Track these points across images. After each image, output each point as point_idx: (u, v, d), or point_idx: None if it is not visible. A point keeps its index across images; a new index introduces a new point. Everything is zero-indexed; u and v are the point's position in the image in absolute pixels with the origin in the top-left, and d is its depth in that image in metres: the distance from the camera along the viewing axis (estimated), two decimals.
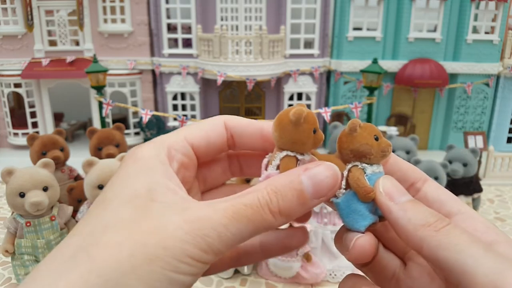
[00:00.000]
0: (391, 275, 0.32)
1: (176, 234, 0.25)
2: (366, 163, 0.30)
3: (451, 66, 3.56)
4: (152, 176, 0.28)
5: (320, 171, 0.28)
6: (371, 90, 2.62)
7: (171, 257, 0.24)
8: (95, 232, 0.25)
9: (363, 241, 0.29)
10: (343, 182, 0.30)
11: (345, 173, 0.31)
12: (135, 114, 3.75)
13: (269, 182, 0.28)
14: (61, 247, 0.25)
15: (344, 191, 0.30)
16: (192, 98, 3.74)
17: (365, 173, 0.30)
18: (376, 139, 0.30)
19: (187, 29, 3.65)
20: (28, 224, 1.67)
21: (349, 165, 0.31)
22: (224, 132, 0.33)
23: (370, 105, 2.65)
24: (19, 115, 3.81)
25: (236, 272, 1.87)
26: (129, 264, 0.23)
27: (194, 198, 0.32)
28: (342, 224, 0.32)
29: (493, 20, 3.53)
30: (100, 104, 2.72)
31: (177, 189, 0.28)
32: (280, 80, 3.68)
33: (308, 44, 3.75)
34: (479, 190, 2.30)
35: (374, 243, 0.30)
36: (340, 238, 0.31)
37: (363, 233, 0.29)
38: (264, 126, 0.33)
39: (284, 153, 0.30)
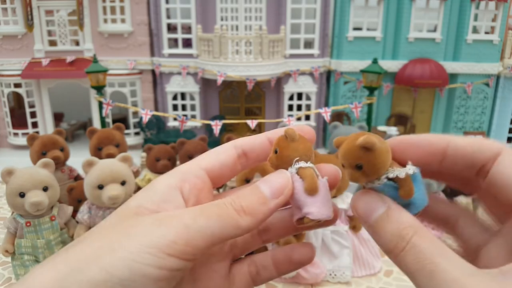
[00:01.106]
0: (475, 248, 0.33)
1: (145, 230, 0.27)
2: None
3: (451, 66, 3.56)
4: (148, 196, 0.31)
5: (273, 176, 0.33)
6: (371, 90, 2.62)
7: (137, 249, 0.26)
8: (84, 236, 0.29)
9: None
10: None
11: None
12: (135, 114, 3.75)
13: (233, 191, 0.32)
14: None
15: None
16: (192, 98, 3.74)
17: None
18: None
19: (187, 29, 3.65)
20: (28, 224, 1.67)
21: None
22: (234, 152, 0.36)
23: (370, 105, 2.65)
24: (19, 115, 3.81)
25: None
26: (94, 255, 0.26)
27: None
28: (342, 225, 0.33)
29: (493, 20, 3.53)
30: (100, 104, 2.72)
31: (164, 210, 0.31)
32: (280, 80, 3.68)
33: (308, 44, 3.75)
34: None
35: None
36: None
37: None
38: (268, 135, 0.37)
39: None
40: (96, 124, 3.63)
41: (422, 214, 0.31)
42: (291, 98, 3.75)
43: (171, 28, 3.68)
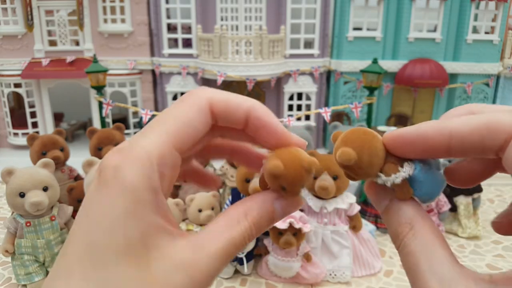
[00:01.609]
0: None
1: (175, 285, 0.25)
2: None
3: (451, 66, 3.56)
4: (143, 215, 0.24)
5: (292, 204, 0.30)
6: (371, 90, 2.62)
7: None
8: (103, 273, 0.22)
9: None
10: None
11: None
12: (135, 114, 3.75)
13: (248, 211, 0.28)
14: None
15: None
16: None
17: None
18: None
19: (187, 29, 3.65)
20: (28, 224, 1.67)
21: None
22: (210, 121, 0.29)
23: (370, 105, 2.65)
24: (19, 115, 3.81)
25: (236, 272, 1.88)
26: None
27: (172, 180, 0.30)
28: (342, 225, 0.34)
29: (493, 20, 3.53)
30: (100, 104, 2.72)
31: (167, 226, 0.26)
32: (280, 80, 3.68)
33: (308, 44, 3.75)
34: (479, 190, 2.30)
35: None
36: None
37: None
38: (253, 107, 0.29)
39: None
40: (96, 124, 3.63)
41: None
42: (291, 98, 3.75)
43: (171, 28, 3.68)
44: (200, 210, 1.92)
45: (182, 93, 3.72)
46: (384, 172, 0.29)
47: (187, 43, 3.67)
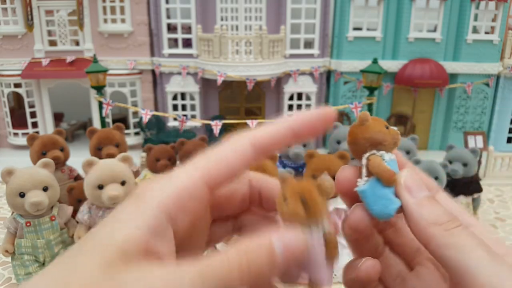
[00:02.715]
0: (396, 274, 0.34)
1: None
2: (383, 151, 0.31)
3: (451, 66, 3.56)
4: (137, 226, 0.25)
5: (292, 239, 0.27)
6: (371, 90, 2.62)
7: None
8: None
9: (369, 266, 0.31)
10: (364, 171, 0.31)
11: (364, 161, 0.31)
12: (135, 114, 3.75)
13: (240, 243, 0.26)
14: None
15: (366, 178, 0.31)
16: (192, 98, 3.74)
17: (383, 159, 0.31)
18: (387, 127, 0.32)
19: (187, 29, 3.65)
20: (28, 224, 1.67)
21: (367, 154, 0.31)
22: (252, 157, 0.30)
23: (370, 105, 2.65)
24: (19, 115, 3.81)
25: None
26: None
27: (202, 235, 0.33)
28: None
29: (493, 20, 3.53)
30: (100, 104, 2.72)
31: (153, 248, 0.25)
32: (280, 80, 3.68)
33: (308, 44, 3.75)
34: (479, 190, 2.30)
35: (378, 268, 0.32)
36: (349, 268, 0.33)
37: (392, 216, 0.30)
38: (292, 126, 0.31)
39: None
40: (96, 124, 3.63)
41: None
42: (291, 98, 3.75)
43: (171, 28, 3.68)
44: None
45: (182, 93, 3.73)
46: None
47: (187, 43, 3.67)
